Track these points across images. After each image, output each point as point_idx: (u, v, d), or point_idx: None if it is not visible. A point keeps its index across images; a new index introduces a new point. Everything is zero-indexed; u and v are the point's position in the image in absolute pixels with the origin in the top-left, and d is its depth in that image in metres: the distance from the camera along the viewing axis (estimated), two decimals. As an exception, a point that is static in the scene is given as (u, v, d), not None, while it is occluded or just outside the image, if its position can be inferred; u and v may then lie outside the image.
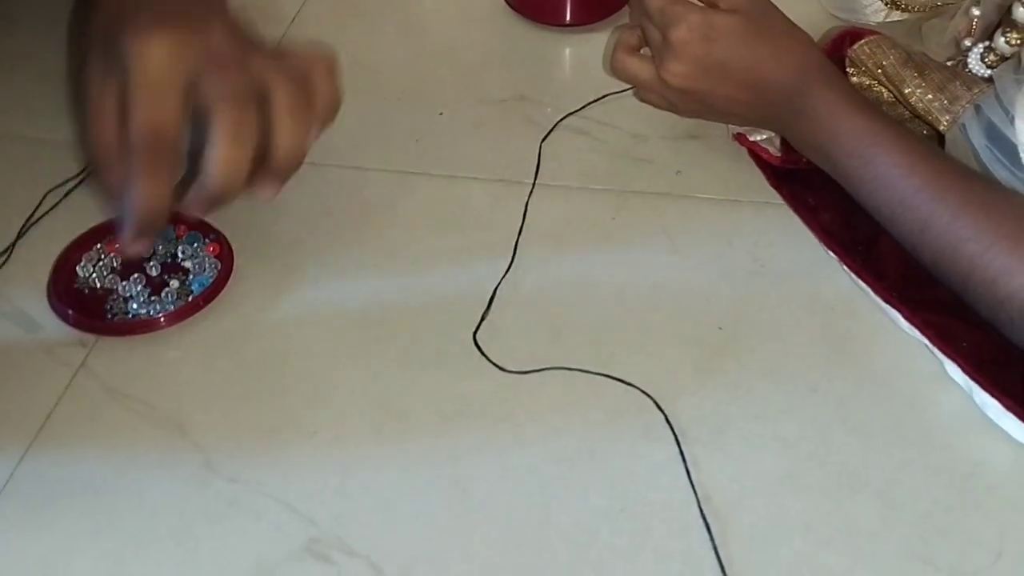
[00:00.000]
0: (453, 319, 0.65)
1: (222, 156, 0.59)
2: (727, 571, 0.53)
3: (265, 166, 0.61)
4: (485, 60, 0.85)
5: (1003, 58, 0.68)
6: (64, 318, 0.64)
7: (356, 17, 0.90)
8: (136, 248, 0.61)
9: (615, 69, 0.74)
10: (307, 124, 0.62)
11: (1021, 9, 0.66)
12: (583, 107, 0.79)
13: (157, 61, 0.58)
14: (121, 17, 0.60)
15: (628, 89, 0.79)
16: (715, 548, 0.54)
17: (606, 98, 0.79)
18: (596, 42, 0.85)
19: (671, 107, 0.73)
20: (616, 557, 0.54)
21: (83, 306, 0.65)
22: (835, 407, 0.60)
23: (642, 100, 0.75)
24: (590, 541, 0.55)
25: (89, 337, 0.64)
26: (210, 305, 0.66)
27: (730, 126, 0.74)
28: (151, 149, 0.58)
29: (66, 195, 0.73)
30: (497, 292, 0.66)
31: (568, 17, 0.86)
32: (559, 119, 0.78)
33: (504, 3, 0.89)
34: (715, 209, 0.71)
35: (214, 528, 0.55)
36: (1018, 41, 0.67)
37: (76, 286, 0.67)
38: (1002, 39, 0.68)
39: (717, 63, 0.68)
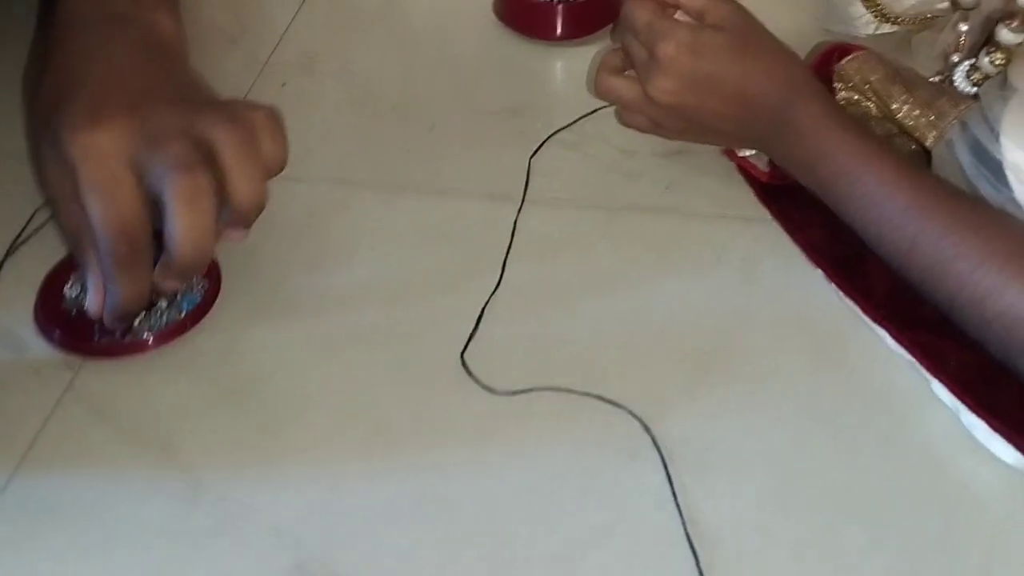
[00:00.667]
0: (441, 338, 0.65)
1: (184, 226, 0.58)
2: (714, 594, 0.53)
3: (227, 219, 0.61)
4: (476, 74, 0.85)
5: (988, 76, 0.68)
6: (50, 339, 0.64)
7: (346, 31, 0.90)
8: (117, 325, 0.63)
9: (599, 90, 0.74)
10: (260, 171, 0.60)
11: (1004, 31, 0.66)
12: (573, 122, 0.79)
13: (98, 159, 0.57)
14: (58, 108, 0.59)
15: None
16: (700, 573, 0.54)
17: (596, 113, 0.79)
18: (586, 56, 0.85)
19: (656, 128, 0.72)
20: (601, 579, 0.54)
21: (70, 327, 0.65)
22: (823, 426, 0.60)
23: (625, 124, 0.74)
24: (577, 563, 0.55)
25: (76, 358, 0.64)
26: (198, 325, 0.66)
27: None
28: (118, 247, 0.58)
29: (53, 214, 0.73)
30: (485, 310, 0.66)
31: (559, 31, 0.86)
32: (549, 134, 0.78)
33: (495, 17, 0.89)
34: (704, 225, 0.71)
35: (201, 551, 0.55)
36: (1002, 61, 0.67)
37: (63, 307, 0.66)
38: (986, 59, 0.68)
39: (705, 79, 0.68)
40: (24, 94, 0.81)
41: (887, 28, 0.81)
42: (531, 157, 0.76)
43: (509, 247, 0.70)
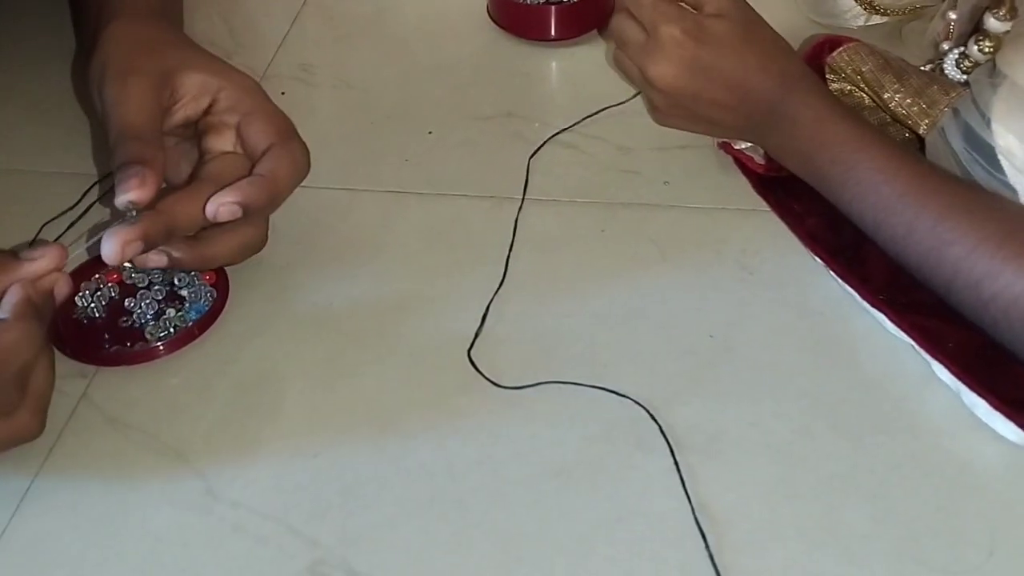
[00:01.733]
0: (448, 337, 0.66)
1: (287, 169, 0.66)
2: (724, 578, 0.54)
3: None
4: (472, 77, 0.86)
5: (977, 64, 0.69)
6: (62, 349, 0.65)
7: (342, 38, 0.91)
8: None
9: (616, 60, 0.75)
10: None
11: (992, 19, 0.67)
12: (574, 124, 0.80)
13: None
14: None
15: (617, 104, 0.80)
16: (711, 556, 0.55)
17: (595, 113, 0.80)
18: (581, 56, 0.86)
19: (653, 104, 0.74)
20: (614, 568, 0.55)
21: (82, 337, 0.66)
22: (825, 411, 0.61)
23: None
24: (588, 553, 0.55)
25: (89, 368, 0.65)
26: (207, 332, 0.67)
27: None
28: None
29: (69, 226, 0.74)
30: (490, 308, 0.67)
31: (553, 32, 0.87)
32: (547, 135, 0.79)
33: (489, 20, 0.90)
34: (703, 218, 0.72)
35: (217, 553, 0.56)
36: (991, 49, 0.68)
37: (75, 316, 0.67)
38: (975, 47, 0.69)
39: (706, 67, 0.68)
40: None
41: (876, 19, 0.82)
42: (530, 157, 0.77)
43: (511, 245, 0.71)
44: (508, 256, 0.70)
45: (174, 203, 0.63)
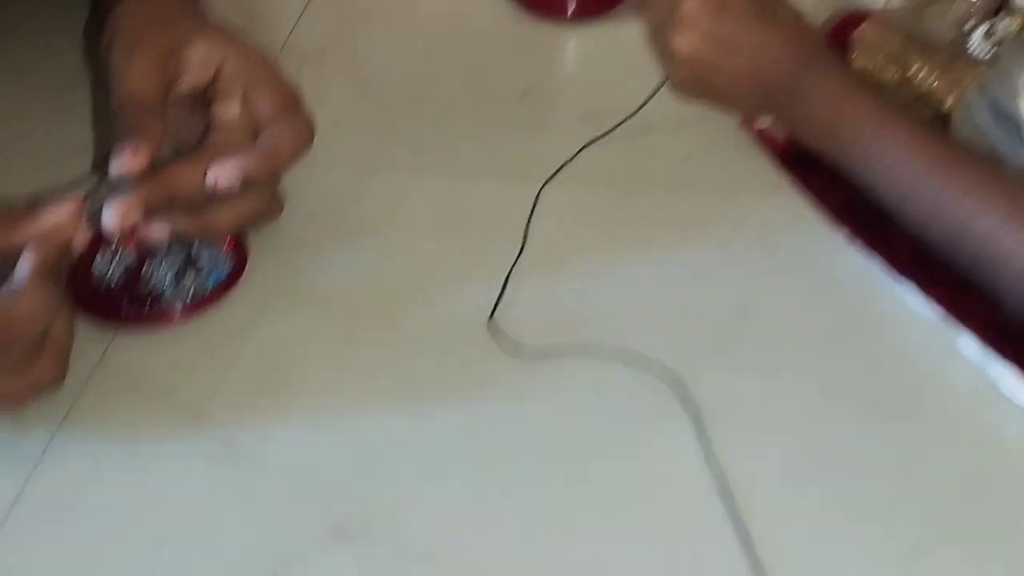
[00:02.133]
0: (468, 306, 0.65)
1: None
2: (749, 545, 0.53)
3: None
4: (490, 56, 0.86)
5: (1003, 40, 0.69)
6: (82, 313, 0.65)
7: (358, 19, 0.91)
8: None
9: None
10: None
11: (1018, -2, 0.67)
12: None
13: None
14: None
15: (636, 81, 0.79)
16: (736, 524, 0.54)
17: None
18: (600, 35, 0.86)
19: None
20: (639, 535, 0.55)
21: (100, 301, 0.66)
22: (849, 383, 0.61)
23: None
24: (612, 520, 0.55)
25: (107, 332, 0.64)
26: (225, 297, 0.66)
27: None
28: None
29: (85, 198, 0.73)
30: (509, 279, 0.67)
31: (571, 10, 0.87)
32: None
33: (506, -1, 0.90)
34: (723, 195, 0.72)
35: (240, 513, 0.56)
36: (1018, 24, 0.68)
37: (93, 280, 0.67)
38: (1001, 24, 0.69)
39: (726, 39, 0.68)
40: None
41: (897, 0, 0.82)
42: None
43: (529, 219, 0.71)
44: (527, 231, 0.70)
45: (175, 171, 0.63)
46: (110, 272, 0.67)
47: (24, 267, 0.57)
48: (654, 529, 0.55)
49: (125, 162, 0.60)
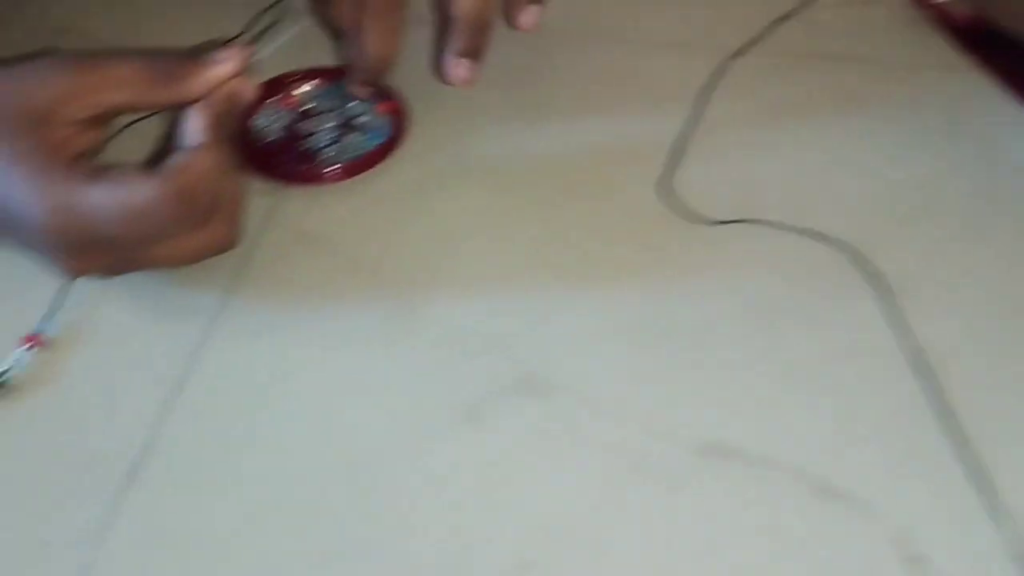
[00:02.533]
0: (640, 171, 0.64)
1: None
2: (950, 419, 0.52)
3: None
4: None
5: None
6: (247, 169, 0.64)
7: None
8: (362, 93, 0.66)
9: None
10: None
11: None
12: None
13: None
14: None
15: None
16: (936, 396, 0.53)
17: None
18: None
19: None
20: (823, 408, 0.53)
21: (263, 157, 0.65)
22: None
23: None
24: (801, 388, 0.54)
25: (272, 188, 0.64)
26: (388, 159, 0.65)
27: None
28: None
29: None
30: (687, 147, 0.65)
31: None
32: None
33: None
34: (899, 75, 0.70)
35: (428, 363, 0.55)
36: None
37: (252, 137, 0.66)
38: None
39: None
40: None
41: None
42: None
43: (707, 92, 0.69)
44: (705, 103, 0.68)
45: None
46: (270, 128, 0.66)
47: (197, 123, 0.56)
48: (841, 402, 0.53)
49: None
